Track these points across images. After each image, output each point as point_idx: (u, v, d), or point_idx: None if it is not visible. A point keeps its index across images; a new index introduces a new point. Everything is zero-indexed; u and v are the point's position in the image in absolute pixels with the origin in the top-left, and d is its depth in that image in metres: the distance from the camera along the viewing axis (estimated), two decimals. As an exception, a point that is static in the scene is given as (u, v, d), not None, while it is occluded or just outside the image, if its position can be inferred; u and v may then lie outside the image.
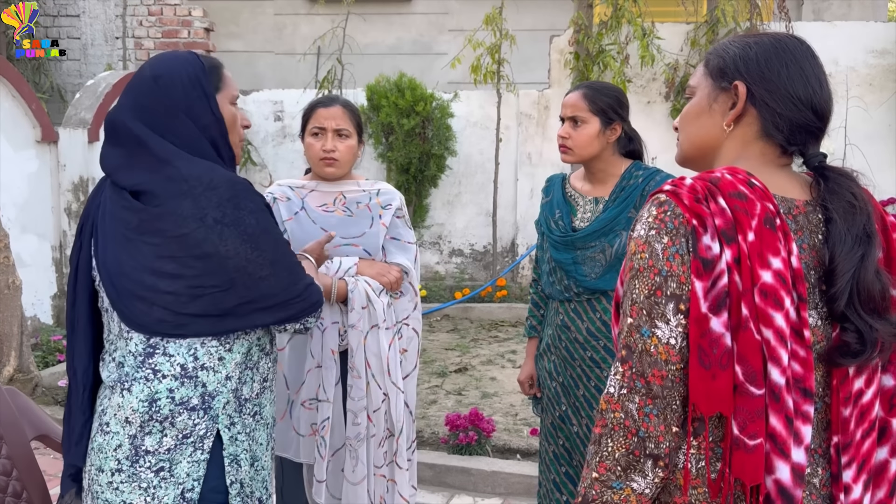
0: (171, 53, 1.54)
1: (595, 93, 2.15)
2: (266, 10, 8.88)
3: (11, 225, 5.18)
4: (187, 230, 1.39)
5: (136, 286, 1.42)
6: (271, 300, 1.47)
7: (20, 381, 4.20)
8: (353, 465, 2.16)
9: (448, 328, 6.20)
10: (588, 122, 2.13)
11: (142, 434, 1.42)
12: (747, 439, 0.98)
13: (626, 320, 1.04)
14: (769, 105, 1.10)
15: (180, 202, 1.39)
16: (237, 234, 1.40)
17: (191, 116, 1.45)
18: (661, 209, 1.03)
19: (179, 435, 1.43)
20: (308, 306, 1.54)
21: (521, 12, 7.64)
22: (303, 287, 1.52)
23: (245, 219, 1.42)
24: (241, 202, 1.42)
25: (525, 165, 6.91)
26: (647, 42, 6.13)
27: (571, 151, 2.16)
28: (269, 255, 1.44)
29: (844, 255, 1.01)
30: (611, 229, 2.11)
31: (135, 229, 1.42)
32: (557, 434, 2.22)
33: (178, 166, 1.42)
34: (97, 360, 1.53)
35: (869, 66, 6.41)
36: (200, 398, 1.44)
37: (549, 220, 2.27)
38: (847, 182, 1.07)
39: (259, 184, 7.04)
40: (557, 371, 2.21)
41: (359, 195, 2.28)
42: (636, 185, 2.12)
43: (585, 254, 2.14)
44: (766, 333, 0.98)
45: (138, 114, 1.45)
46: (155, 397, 1.42)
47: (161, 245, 1.40)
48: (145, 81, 1.47)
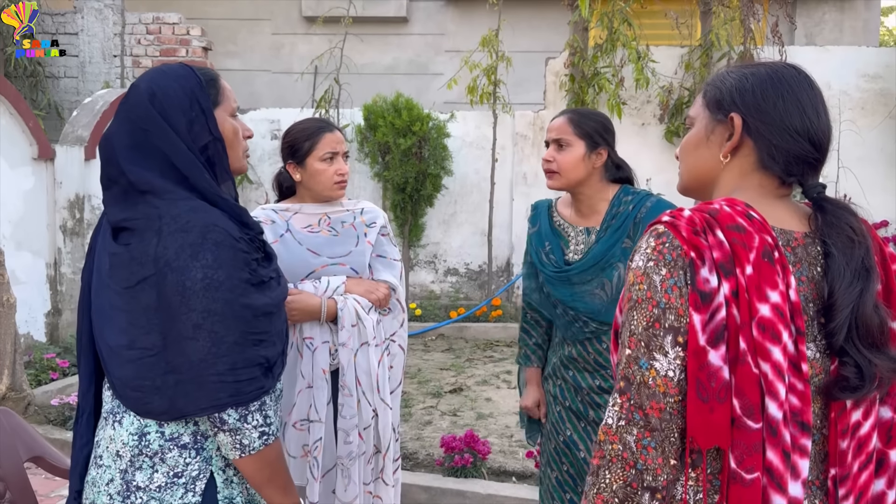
0: (166, 68, 1.44)
1: (580, 117, 2.13)
2: (264, 29, 8.95)
3: (6, 242, 5.17)
4: (141, 277, 1.29)
5: (100, 334, 1.36)
6: (187, 372, 1.28)
7: (13, 400, 4.17)
8: (345, 484, 2.16)
9: (443, 348, 6.19)
10: (573, 144, 2.10)
11: (132, 469, 1.35)
12: (744, 473, 0.98)
13: (624, 351, 1.04)
14: (765, 137, 1.10)
15: (148, 242, 1.30)
16: (175, 282, 1.27)
17: (188, 137, 1.36)
18: (659, 241, 1.03)
19: (170, 472, 1.35)
20: (228, 396, 1.29)
21: (517, 34, 7.72)
22: (224, 368, 1.28)
23: (191, 270, 1.27)
24: (202, 252, 1.28)
25: (520, 185, 6.94)
26: (642, 65, 6.19)
27: (557, 176, 2.12)
28: (195, 317, 1.27)
29: (843, 289, 1.02)
30: (607, 263, 2.06)
31: (107, 272, 1.35)
32: (561, 460, 2.18)
33: (159, 205, 1.32)
34: (99, 385, 1.47)
35: (861, 90, 6.48)
36: (192, 436, 1.36)
37: (539, 253, 2.21)
38: (845, 215, 1.07)
39: (255, 202, 7.05)
40: (563, 396, 2.17)
41: (343, 215, 2.29)
42: (626, 212, 2.07)
43: (584, 289, 2.08)
44: (763, 367, 0.98)
45: (131, 137, 1.36)
46: (144, 430, 1.35)
47: (116, 295, 1.32)
48: (140, 101, 1.38)
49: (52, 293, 5.83)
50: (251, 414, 1.32)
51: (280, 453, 1.39)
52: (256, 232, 1.42)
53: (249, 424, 1.32)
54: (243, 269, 1.32)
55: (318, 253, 2.22)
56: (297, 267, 2.19)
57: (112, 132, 1.40)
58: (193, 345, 1.27)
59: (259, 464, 1.35)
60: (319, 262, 2.21)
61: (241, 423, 1.31)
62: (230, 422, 1.31)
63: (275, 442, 1.36)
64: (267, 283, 1.39)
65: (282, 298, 1.44)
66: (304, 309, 2.12)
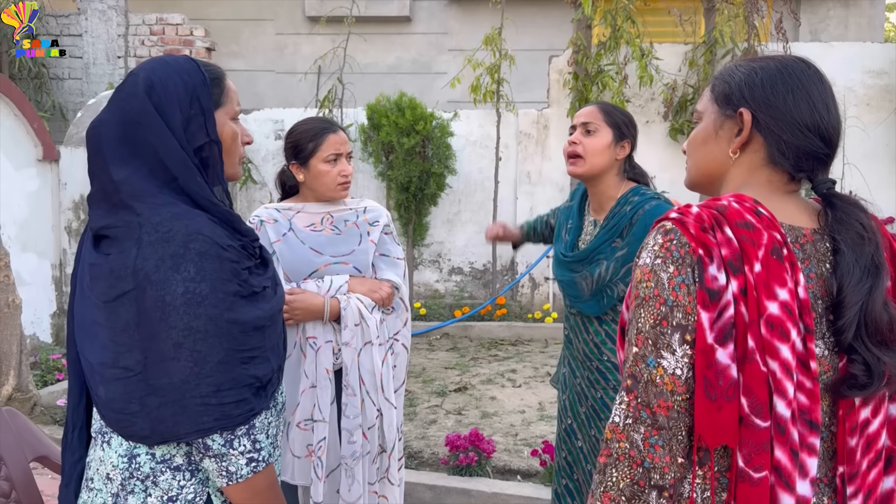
0: (170, 59, 1.32)
1: (610, 108, 2.15)
2: (267, 29, 8.96)
3: (11, 243, 5.18)
4: (120, 291, 1.19)
5: (81, 350, 1.27)
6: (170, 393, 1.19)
7: (19, 401, 4.18)
8: (349, 483, 2.16)
9: (447, 347, 6.18)
10: (601, 130, 2.09)
11: (124, 493, 1.25)
12: (752, 472, 0.97)
13: (631, 349, 1.03)
14: (775, 132, 1.08)
15: (128, 253, 1.20)
16: (154, 297, 1.17)
17: (182, 136, 1.26)
18: (666, 238, 1.02)
19: (164, 497, 1.25)
20: (213, 420, 1.19)
21: (520, 33, 7.71)
22: (208, 390, 1.18)
23: (171, 283, 1.17)
24: (183, 264, 1.18)
25: (524, 184, 6.93)
26: (646, 62, 6.18)
27: (581, 161, 2.09)
28: (176, 334, 1.17)
29: (852, 287, 1.00)
30: (594, 258, 2.09)
31: (88, 284, 1.25)
32: (562, 446, 2.25)
33: (141, 211, 1.21)
34: (90, 398, 1.34)
35: (866, 86, 6.45)
36: (185, 458, 1.26)
37: (561, 226, 2.29)
38: (855, 211, 1.05)
39: (259, 202, 7.05)
40: (566, 385, 2.24)
41: (346, 213, 2.29)
42: (624, 213, 2.07)
43: (574, 276, 2.15)
44: (772, 365, 0.97)
45: (121, 129, 1.25)
46: (134, 452, 1.25)
47: (96, 309, 1.23)
48: (136, 91, 1.27)
49: (57, 294, 5.85)
50: (237, 439, 1.21)
51: (272, 482, 1.28)
52: (250, 238, 1.31)
53: (236, 450, 1.22)
54: (231, 280, 1.21)
55: (321, 252, 2.21)
56: (299, 266, 2.19)
57: (101, 120, 1.28)
58: (175, 365, 1.17)
59: (247, 493, 1.25)
60: (322, 261, 2.20)
61: (227, 448, 1.21)
62: (214, 447, 1.21)
63: (265, 469, 1.25)
64: (260, 293, 1.28)
65: (277, 309, 1.33)
66: (307, 308, 2.12)
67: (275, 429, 1.33)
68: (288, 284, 2.17)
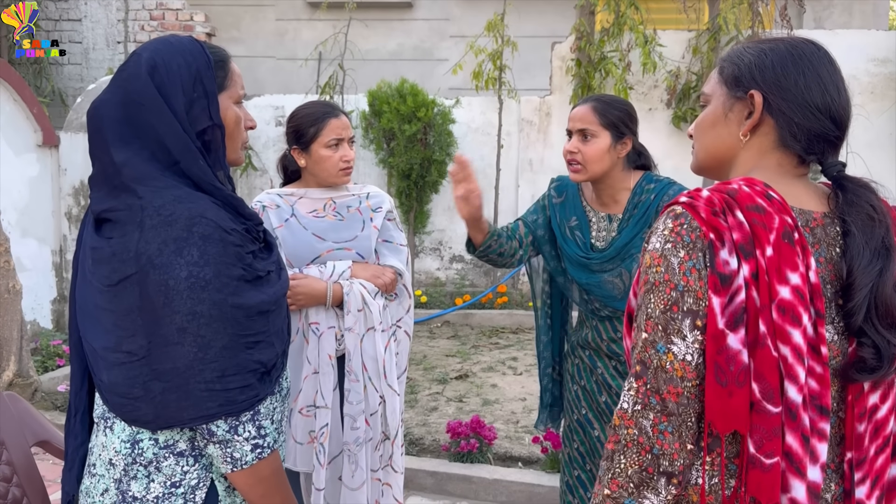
0: (174, 39, 1.30)
1: (605, 106, 2.04)
2: (268, 15, 8.90)
3: (12, 229, 5.17)
4: (123, 275, 1.18)
5: (84, 334, 1.26)
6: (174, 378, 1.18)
7: (20, 386, 4.18)
8: (352, 470, 2.15)
9: (448, 334, 6.19)
10: (598, 136, 2.01)
11: (127, 478, 1.25)
12: (764, 458, 0.96)
13: (640, 335, 1.02)
14: (786, 114, 1.07)
15: (130, 237, 1.18)
16: (157, 282, 1.16)
17: (185, 119, 1.24)
18: (677, 222, 1.01)
19: (168, 482, 1.24)
20: (217, 405, 1.18)
21: (522, 19, 7.66)
22: (212, 376, 1.17)
23: (174, 267, 1.15)
24: (186, 248, 1.16)
25: (526, 172, 6.91)
26: (649, 49, 6.14)
27: (582, 168, 2.03)
28: (179, 319, 1.16)
29: (862, 269, 0.99)
30: (627, 253, 2.01)
31: (90, 268, 1.24)
32: (573, 437, 2.20)
33: (143, 194, 1.20)
34: (93, 382, 1.34)
35: (870, 74, 6.41)
36: (189, 443, 1.25)
37: (563, 226, 2.16)
38: (866, 193, 1.04)
39: (260, 188, 7.03)
40: (580, 375, 2.17)
41: (349, 199, 2.27)
42: (648, 201, 2.01)
43: (602, 276, 2.05)
44: (783, 350, 0.96)
45: (123, 109, 1.23)
46: (137, 438, 1.24)
47: (99, 293, 1.21)
48: (139, 71, 1.24)
49: (57, 280, 5.84)
50: (242, 425, 1.21)
51: (277, 469, 1.28)
52: (254, 222, 1.29)
53: (241, 436, 1.21)
54: (235, 264, 1.19)
55: (324, 238, 2.20)
56: (302, 251, 2.18)
57: (103, 101, 1.26)
58: (179, 350, 1.16)
59: (252, 479, 1.24)
60: (325, 247, 2.19)
61: (232, 434, 1.20)
62: (219, 433, 1.20)
63: (270, 456, 1.25)
64: (264, 277, 1.26)
65: (281, 294, 1.31)
66: (309, 293, 2.11)
67: (279, 414, 1.32)
68: (290, 270, 2.16)
